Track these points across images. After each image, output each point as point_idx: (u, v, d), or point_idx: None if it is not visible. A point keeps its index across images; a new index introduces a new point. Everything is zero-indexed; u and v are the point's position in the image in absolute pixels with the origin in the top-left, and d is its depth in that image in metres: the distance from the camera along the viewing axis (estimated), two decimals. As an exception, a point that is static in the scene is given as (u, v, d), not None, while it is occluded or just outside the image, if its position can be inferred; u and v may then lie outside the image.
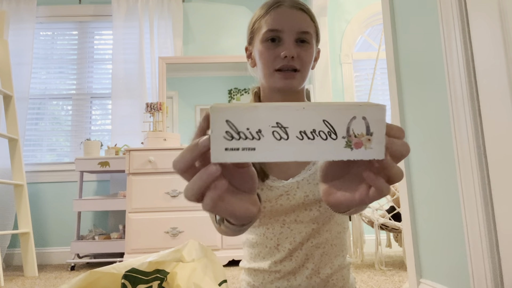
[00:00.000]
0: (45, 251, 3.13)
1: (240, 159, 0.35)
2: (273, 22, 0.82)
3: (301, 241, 0.82)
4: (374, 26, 3.76)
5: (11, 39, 3.29)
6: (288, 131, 0.34)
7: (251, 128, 0.34)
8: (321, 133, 0.34)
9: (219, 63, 3.46)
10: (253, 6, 3.64)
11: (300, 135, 0.34)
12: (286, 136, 0.34)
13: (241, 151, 0.35)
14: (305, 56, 0.83)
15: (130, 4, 3.50)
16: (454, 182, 1.24)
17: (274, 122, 0.34)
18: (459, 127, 1.18)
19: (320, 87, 3.39)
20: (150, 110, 3.06)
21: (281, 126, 0.34)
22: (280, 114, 0.34)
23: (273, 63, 0.82)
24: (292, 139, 0.34)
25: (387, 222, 2.36)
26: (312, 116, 0.34)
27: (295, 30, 0.82)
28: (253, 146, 0.34)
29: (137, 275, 0.74)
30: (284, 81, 0.82)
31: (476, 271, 1.12)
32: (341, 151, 0.35)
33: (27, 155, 3.36)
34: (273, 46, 0.82)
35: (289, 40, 0.81)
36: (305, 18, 0.83)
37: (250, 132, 0.34)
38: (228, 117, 0.34)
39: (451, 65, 1.21)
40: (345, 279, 0.85)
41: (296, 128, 0.34)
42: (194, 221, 2.62)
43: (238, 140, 0.34)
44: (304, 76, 0.84)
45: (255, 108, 0.34)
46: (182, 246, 0.80)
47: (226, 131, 0.34)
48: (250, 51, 0.91)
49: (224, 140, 0.34)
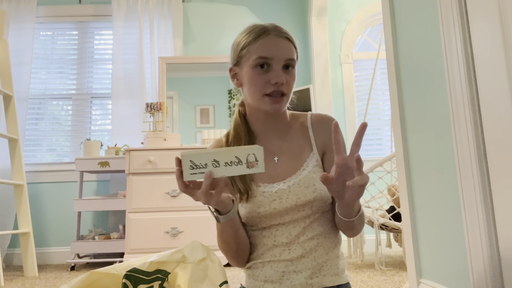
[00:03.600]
0: (45, 251, 3.13)
1: (198, 178, 0.71)
2: (263, 49, 0.91)
3: (297, 234, 0.90)
4: (374, 26, 3.76)
5: (11, 39, 3.29)
6: (219, 163, 0.72)
7: (202, 163, 0.71)
8: (234, 162, 0.72)
9: (219, 63, 3.45)
10: (253, 6, 3.64)
11: (225, 164, 0.72)
12: (218, 165, 0.72)
13: (198, 174, 0.71)
14: (291, 81, 0.93)
15: (130, 4, 3.50)
16: (454, 182, 1.24)
17: (212, 159, 0.71)
18: (459, 127, 1.18)
19: (320, 87, 3.39)
20: (150, 110, 3.06)
21: (215, 161, 0.71)
22: (214, 156, 0.71)
23: (264, 88, 0.90)
24: (221, 166, 0.72)
25: (387, 222, 2.36)
26: (230, 155, 0.72)
27: (283, 58, 0.91)
28: (203, 171, 0.71)
29: (138, 275, 0.74)
30: (273, 106, 0.91)
31: (476, 271, 1.12)
32: (245, 170, 0.73)
33: (27, 155, 3.36)
34: (263, 72, 0.91)
35: (277, 67, 0.90)
36: (290, 46, 0.93)
37: (201, 164, 0.71)
38: (191, 158, 0.71)
39: (451, 65, 1.21)
40: (339, 269, 0.92)
41: (223, 161, 0.72)
42: (194, 221, 2.62)
43: (195, 169, 0.71)
44: (288, 98, 0.94)
45: (203, 153, 0.71)
46: (184, 246, 0.81)
47: (190, 165, 0.71)
48: (235, 72, 1.00)
49: (189, 169, 0.71)
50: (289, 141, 0.97)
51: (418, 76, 1.47)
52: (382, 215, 2.51)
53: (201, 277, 0.75)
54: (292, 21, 3.65)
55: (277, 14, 3.63)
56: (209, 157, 0.70)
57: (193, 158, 0.69)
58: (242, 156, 0.71)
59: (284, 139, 0.98)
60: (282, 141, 0.97)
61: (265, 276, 0.89)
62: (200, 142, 3.29)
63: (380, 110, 3.64)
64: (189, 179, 0.70)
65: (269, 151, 0.96)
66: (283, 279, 0.88)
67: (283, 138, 0.98)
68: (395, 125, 1.64)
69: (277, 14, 3.63)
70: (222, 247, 0.91)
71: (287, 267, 0.88)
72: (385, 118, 3.60)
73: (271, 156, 0.96)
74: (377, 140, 3.63)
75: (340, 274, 0.91)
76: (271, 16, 3.61)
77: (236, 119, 1.00)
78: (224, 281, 0.77)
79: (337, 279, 0.89)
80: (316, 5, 3.40)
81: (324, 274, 0.88)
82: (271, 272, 0.89)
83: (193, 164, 0.69)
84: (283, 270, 0.88)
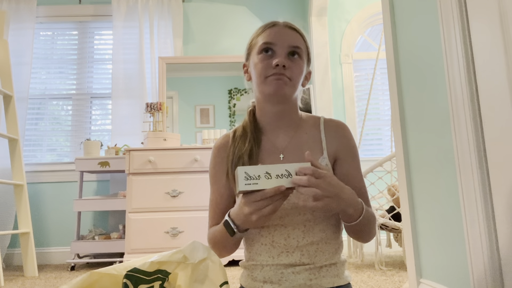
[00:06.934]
0: (45, 251, 3.13)
1: (252, 188, 0.75)
2: (268, 36, 0.92)
3: (296, 238, 0.88)
4: (374, 26, 3.76)
5: (11, 39, 3.29)
6: (271, 175, 0.75)
7: (255, 174, 0.75)
8: (285, 175, 0.75)
9: (219, 63, 3.46)
10: (253, 6, 3.64)
11: (276, 176, 0.75)
12: (270, 177, 0.75)
13: (252, 185, 0.74)
14: (295, 68, 0.91)
15: (130, 4, 3.50)
16: (454, 182, 1.24)
17: (265, 172, 0.75)
18: (459, 127, 1.18)
19: (320, 87, 3.39)
20: (150, 110, 3.06)
21: (267, 173, 0.75)
22: (267, 169, 0.75)
23: (266, 70, 0.90)
24: (273, 178, 0.75)
25: (387, 222, 2.37)
26: (281, 168, 0.75)
27: (287, 44, 0.91)
28: (256, 182, 0.75)
29: (138, 275, 0.74)
30: (276, 83, 0.89)
31: (476, 271, 1.12)
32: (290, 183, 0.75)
33: (27, 155, 3.36)
34: (267, 57, 0.90)
35: (281, 52, 0.90)
36: (297, 36, 0.93)
37: (255, 176, 0.75)
38: (245, 170, 0.75)
39: (451, 65, 1.21)
40: (339, 271, 0.90)
41: (275, 173, 0.75)
42: (194, 221, 2.62)
43: (250, 179, 0.75)
44: (294, 85, 0.91)
45: (257, 167, 0.76)
46: (185, 246, 0.81)
47: (245, 176, 0.75)
48: (247, 67, 0.99)
49: (243, 180, 0.75)
50: (297, 139, 0.96)
51: (418, 76, 1.47)
52: (382, 215, 2.51)
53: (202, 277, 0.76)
54: (292, 21, 3.60)
55: (277, 14, 3.63)
56: (262, 169, 0.75)
57: (247, 170, 0.75)
58: (292, 170, 0.75)
59: (292, 136, 0.96)
60: (290, 138, 0.96)
61: (264, 277, 0.89)
62: (200, 142, 3.29)
63: (380, 110, 3.64)
64: (243, 189, 0.74)
65: (276, 147, 0.95)
66: (282, 280, 0.87)
67: (291, 136, 0.96)
68: (395, 125, 1.64)
69: (277, 14, 3.62)
70: (215, 249, 0.90)
71: (286, 269, 0.88)
72: (385, 118, 3.60)
73: (277, 153, 0.94)
74: (377, 140, 3.63)
75: (340, 275, 0.90)
76: (271, 16, 3.60)
77: (246, 119, 1.00)
78: (225, 281, 0.77)
79: (337, 280, 0.89)
80: (316, 5, 3.40)
81: (323, 275, 0.88)
82: (270, 273, 0.88)
83: (247, 175, 0.74)
84: (282, 271, 0.88)
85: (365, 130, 3.31)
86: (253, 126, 0.98)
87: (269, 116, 0.96)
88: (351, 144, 0.97)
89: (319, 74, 3.41)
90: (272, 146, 0.95)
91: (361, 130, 3.18)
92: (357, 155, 0.97)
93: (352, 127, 3.44)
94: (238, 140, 0.96)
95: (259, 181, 0.74)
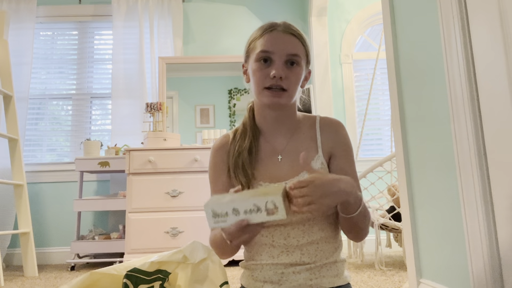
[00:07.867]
0: (45, 251, 3.13)
1: (220, 225, 0.74)
2: (266, 44, 0.91)
3: (296, 237, 0.89)
4: (374, 26, 3.76)
5: (11, 39, 3.29)
6: (240, 211, 0.73)
7: (223, 212, 0.73)
8: (253, 210, 0.72)
9: (219, 63, 3.45)
10: (253, 6, 3.64)
11: (244, 212, 0.72)
12: (238, 213, 0.73)
13: (220, 223, 0.74)
14: (292, 77, 0.91)
15: (130, 4, 3.50)
16: (454, 182, 1.24)
17: (232, 208, 0.73)
18: (459, 127, 1.18)
19: (320, 87, 3.39)
20: (150, 110, 3.06)
21: (235, 209, 0.73)
22: (234, 205, 0.73)
23: (263, 81, 0.90)
24: (241, 214, 0.73)
25: (387, 222, 2.37)
26: (249, 203, 0.72)
27: (285, 52, 0.90)
28: (225, 220, 0.73)
29: (139, 275, 0.74)
30: (271, 99, 0.90)
31: (476, 271, 1.12)
32: (265, 217, 0.72)
33: (27, 155, 3.36)
34: (265, 66, 0.91)
35: (279, 61, 0.90)
36: (296, 42, 0.92)
37: (222, 213, 0.73)
38: (212, 207, 0.74)
39: (451, 65, 1.21)
40: (339, 271, 0.91)
41: (242, 209, 0.72)
42: (194, 221, 2.62)
43: (218, 217, 0.73)
44: (291, 94, 0.92)
45: (224, 203, 0.73)
46: (185, 246, 0.81)
47: (212, 215, 0.74)
48: (246, 68, 0.99)
49: (212, 218, 0.74)
50: (295, 141, 0.97)
51: (418, 76, 1.47)
52: (382, 215, 2.51)
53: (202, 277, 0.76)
54: (292, 21, 3.56)
55: (277, 14, 3.62)
56: (229, 206, 0.72)
57: (214, 207, 0.73)
58: (260, 204, 0.71)
59: (290, 138, 0.97)
60: (288, 140, 0.97)
61: (264, 277, 0.90)
62: (200, 142, 3.29)
63: (380, 110, 3.64)
64: (214, 227, 0.74)
65: (274, 149, 0.96)
66: (282, 280, 0.88)
67: (289, 138, 0.97)
68: (395, 125, 1.64)
69: (277, 14, 3.62)
70: (216, 251, 0.91)
71: (286, 269, 0.88)
72: (385, 118, 3.60)
73: (275, 155, 0.96)
74: (377, 140, 3.63)
75: (340, 276, 0.91)
76: (271, 16, 3.59)
77: (246, 116, 1.01)
78: (225, 281, 0.77)
79: (337, 280, 0.89)
80: (316, 5, 3.40)
81: (323, 275, 0.88)
82: (271, 273, 0.89)
83: (214, 213, 0.73)
84: (282, 272, 0.88)
85: (365, 130, 3.31)
86: (253, 122, 0.99)
87: (267, 119, 0.98)
88: (344, 140, 0.98)
89: (319, 74, 3.41)
90: (271, 148, 0.97)
91: (361, 130, 3.18)
92: (350, 151, 0.98)
93: (352, 127, 3.44)
94: (238, 137, 0.98)
95: (227, 218, 0.73)
